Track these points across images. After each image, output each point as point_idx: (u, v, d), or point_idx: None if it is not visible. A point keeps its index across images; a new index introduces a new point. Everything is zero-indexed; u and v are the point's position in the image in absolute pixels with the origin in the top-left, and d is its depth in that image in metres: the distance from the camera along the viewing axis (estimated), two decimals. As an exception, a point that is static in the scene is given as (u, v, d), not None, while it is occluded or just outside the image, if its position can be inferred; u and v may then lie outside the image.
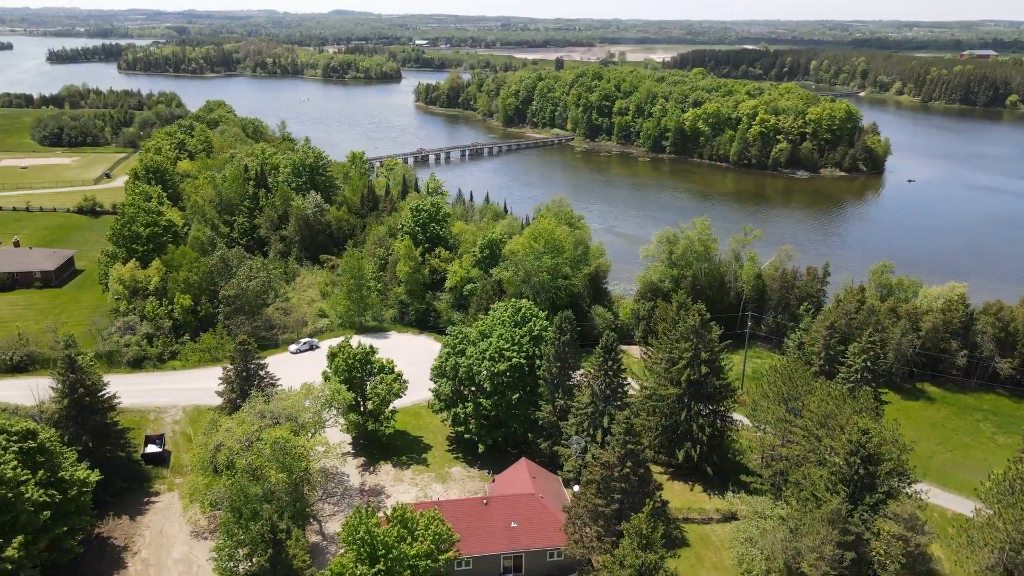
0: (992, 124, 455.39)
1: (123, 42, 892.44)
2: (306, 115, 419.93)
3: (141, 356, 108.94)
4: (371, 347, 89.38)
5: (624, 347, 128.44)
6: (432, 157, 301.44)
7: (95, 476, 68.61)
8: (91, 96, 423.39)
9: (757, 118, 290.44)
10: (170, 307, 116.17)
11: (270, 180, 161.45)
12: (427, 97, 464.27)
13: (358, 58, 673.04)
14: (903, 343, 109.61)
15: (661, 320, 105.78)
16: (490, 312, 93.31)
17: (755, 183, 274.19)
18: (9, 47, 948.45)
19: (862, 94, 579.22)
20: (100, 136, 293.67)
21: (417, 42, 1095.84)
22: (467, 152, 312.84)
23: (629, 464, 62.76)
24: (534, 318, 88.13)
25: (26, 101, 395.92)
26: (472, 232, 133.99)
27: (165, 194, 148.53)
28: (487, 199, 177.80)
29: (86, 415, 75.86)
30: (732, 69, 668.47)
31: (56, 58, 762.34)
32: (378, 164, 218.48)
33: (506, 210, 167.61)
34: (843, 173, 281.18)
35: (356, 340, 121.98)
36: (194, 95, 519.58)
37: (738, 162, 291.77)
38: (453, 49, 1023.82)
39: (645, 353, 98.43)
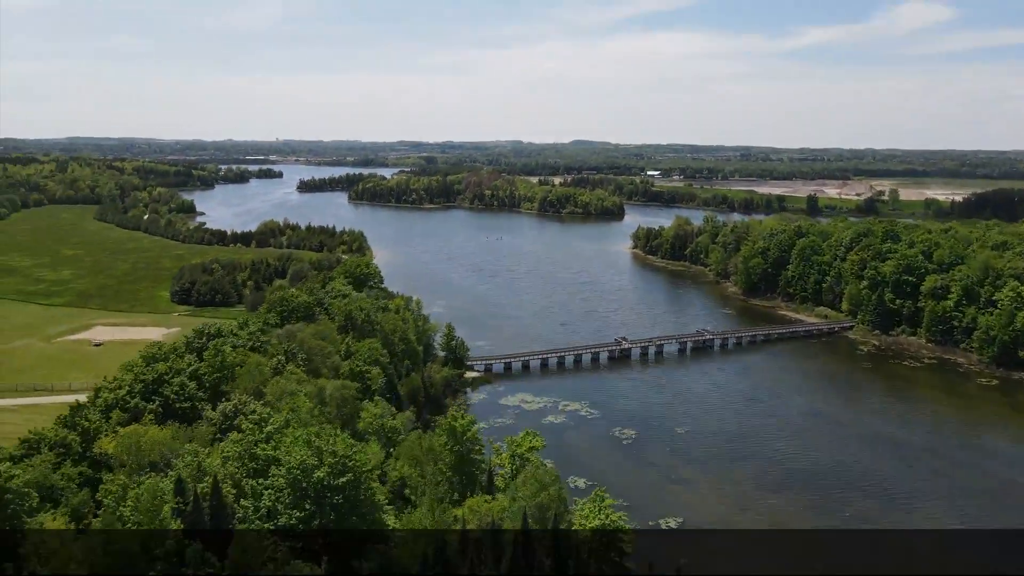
0: None
1: (366, 171, 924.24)
2: (498, 261, 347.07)
3: None
4: None
5: None
6: (636, 351, 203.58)
7: None
8: (287, 233, 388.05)
9: None
10: None
11: (243, 505, 74.05)
12: (647, 245, 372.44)
13: (577, 191, 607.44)
14: None
15: None
16: None
17: None
18: (279, 175, 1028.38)
19: None
20: (231, 294, 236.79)
21: (648, 173, 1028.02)
22: (688, 346, 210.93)
23: None
24: None
25: (217, 238, 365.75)
26: None
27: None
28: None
29: None
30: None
31: (305, 187, 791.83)
32: (491, 437, 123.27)
33: None
34: None
35: None
36: (397, 229, 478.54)
37: None
38: (686, 181, 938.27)
39: None
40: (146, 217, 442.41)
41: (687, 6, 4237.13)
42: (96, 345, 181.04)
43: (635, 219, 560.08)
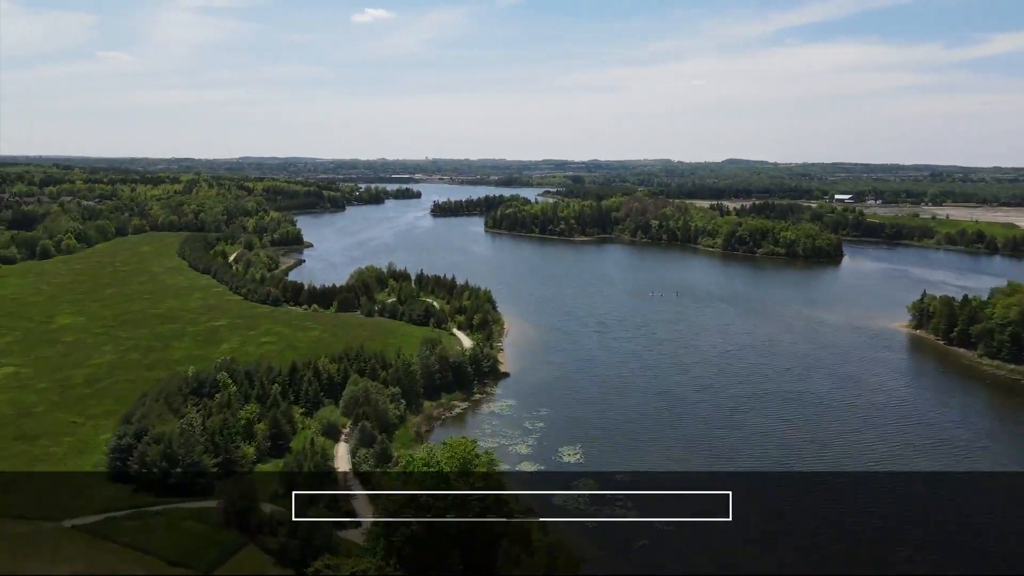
0: None
1: (508, 192, 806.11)
2: (715, 357, 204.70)
3: None
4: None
5: None
6: None
7: None
8: (389, 285, 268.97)
9: None
10: None
11: None
12: (950, 328, 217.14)
13: (777, 225, 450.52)
14: None
15: None
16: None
17: None
18: (417, 196, 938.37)
19: None
20: (202, 465, 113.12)
21: (837, 197, 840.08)
22: None
23: None
24: None
25: (290, 295, 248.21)
26: None
27: None
28: None
29: None
30: None
31: (438, 210, 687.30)
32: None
33: None
34: None
35: None
36: (540, 277, 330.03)
37: None
38: (889, 208, 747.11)
39: None
40: (233, 256, 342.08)
41: (849, 16, 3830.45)
42: None
43: (856, 264, 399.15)
